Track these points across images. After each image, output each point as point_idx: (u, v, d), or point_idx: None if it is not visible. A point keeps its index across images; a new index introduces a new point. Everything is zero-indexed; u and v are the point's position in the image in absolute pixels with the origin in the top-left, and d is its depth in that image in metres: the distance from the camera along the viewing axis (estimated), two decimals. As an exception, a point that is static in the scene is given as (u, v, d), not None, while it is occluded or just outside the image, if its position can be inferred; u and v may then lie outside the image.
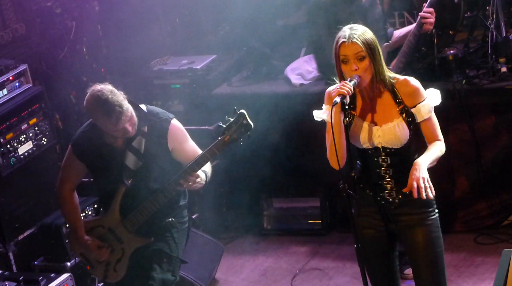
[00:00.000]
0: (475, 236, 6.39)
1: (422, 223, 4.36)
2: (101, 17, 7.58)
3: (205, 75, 7.22)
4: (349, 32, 4.20)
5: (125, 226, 4.95)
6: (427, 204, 4.35)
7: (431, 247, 4.38)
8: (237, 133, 4.66)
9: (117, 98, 4.69)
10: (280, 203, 7.01)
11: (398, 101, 4.27)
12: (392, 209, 4.37)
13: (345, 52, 4.21)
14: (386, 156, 4.32)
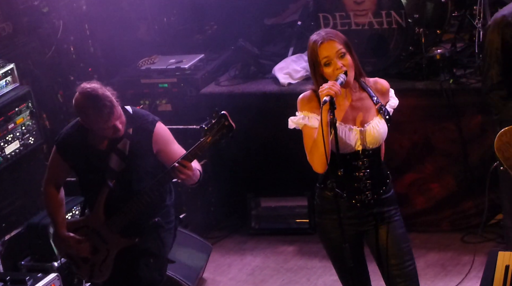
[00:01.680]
0: (462, 235, 6.40)
1: (393, 220, 4.42)
2: (88, 16, 7.56)
3: (193, 75, 7.21)
4: (323, 34, 4.26)
5: (109, 227, 4.93)
6: (395, 200, 4.45)
7: (404, 241, 4.43)
8: (218, 135, 4.65)
9: (108, 94, 4.69)
10: (267, 202, 7.01)
11: (375, 99, 4.33)
12: (365, 209, 4.39)
13: (326, 53, 4.23)
14: (364, 158, 4.34)
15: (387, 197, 4.41)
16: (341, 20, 6.40)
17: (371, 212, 4.41)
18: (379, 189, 4.38)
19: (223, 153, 6.88)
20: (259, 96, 6.91)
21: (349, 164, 4.35)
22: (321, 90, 4.18)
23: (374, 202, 4.39)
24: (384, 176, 4.43)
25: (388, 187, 4.43)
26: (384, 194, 4.40)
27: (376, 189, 4.38)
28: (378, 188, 4.38)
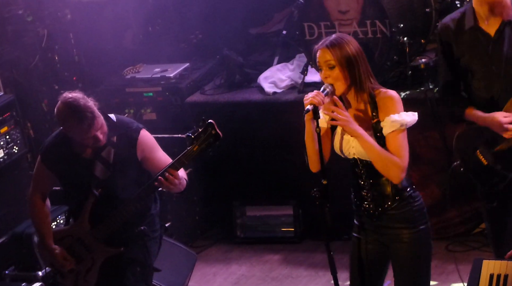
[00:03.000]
0: (447, 244, 6.42)
1: (400, 240, 4.34)
2: (73, 25, 7.55)
3: (178, 83, 7.21)
4: (325, 40, 4.25)
5: (94, 236, 4.92)
6: (407, 219, 4.33)
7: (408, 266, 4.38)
8: (205, 143, 4.64)
9: (89, 105, 4.68)
10: (253, 211, 7.00)
11: (373, 115, 4.25)
12: (373, 220, 4.38)
13: (318, 58, 4.25)
14: (363, 167, 4.33)
15: (395, 213, 4.30)
16: (326, 29, 6.42)
17: (375, 224, 4.38)
18: (383, 203, 4.32)
19: (208, 161, 6.87)
20: (244, 105, 6.91)
21: (353, 170, 4.36)
22: (305, 98, 4.20)
23: (379, 215, 4.35)
24: (392, 191, 4.31)
25: (398, 204, 4.30)
26: (391, 210, 4.30)
27: (379, 201, 4.32)
28: (381, 201, 4.32)
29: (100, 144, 4.78)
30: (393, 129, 4.20)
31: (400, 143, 4.22)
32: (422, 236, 4.34)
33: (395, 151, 4.21)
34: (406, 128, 4.24)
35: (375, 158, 4.22)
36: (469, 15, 4.79)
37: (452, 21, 4.87)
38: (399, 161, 4.20)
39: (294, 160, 6.65)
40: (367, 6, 6.29)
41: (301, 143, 4.44)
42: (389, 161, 4.21)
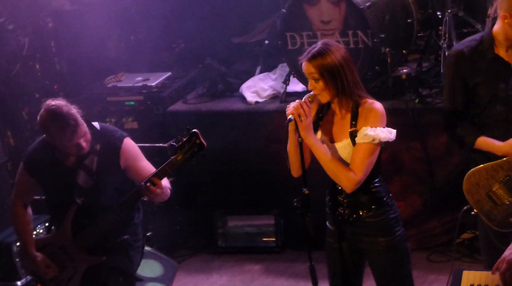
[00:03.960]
0: (428, 254, 6.43)
1: (377, 248, 4.37)
2: (54, 33, 7.53)
3: (160, 92, 7.19)
4: (308, 53, 4.22)
5: (76, 244, 4.89)
6: (383, 227, 4.35)
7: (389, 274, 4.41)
8: (190, 153, 4.63)
9: (72, 113, 4.66)
10: (234, 220, 6.99)
11: (353, 123, 4.25)
12: (347, 226, 4.39)
13: (303, 70, 4.25)
14: None
15: (372, 221, 4.33)
16: (308, 39, 6.43)
17: (350, 230, 4.39)
18: (358, 210, 4.34)
19: (190, 170, 6.86)
20: (226, 114, 6.91)
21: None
22: (287, 108, 4.21)
23: (353, 221, 4.37)
24: (368, 199, 4.33)
25: (374, 213, 4.32)
26: (367, 217, 4.33)
27: (354, 208, 4.34)
28: (356, 207, 4.34)
29: (83, 152, 4.76)
30: (364, 141, 4.19)
31: (363, 156, 4.19)
32: (398, 242, 4.38)
33: (355, 162, 4.21)
34: (378, 143, 4.22)
35: (326, 168, 4.23)
36: (488, 43, 4.70)
37: (467, 48, 4.74)
38: (352, 175, 4.20)
39: (276, 169, 6.65)
40: (349, 16, 6.31)
41: (283, 152, 4.44)
42: (340, 173, 4.21)
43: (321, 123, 4.36)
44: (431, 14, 6.65)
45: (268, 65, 7.37)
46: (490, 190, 4.76)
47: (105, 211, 4.80)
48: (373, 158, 4.21)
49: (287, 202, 6.17)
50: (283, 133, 4.36)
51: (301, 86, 6.74)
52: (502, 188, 4.75)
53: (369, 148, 4.19)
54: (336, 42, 4.31)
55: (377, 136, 4.17)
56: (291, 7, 6.50)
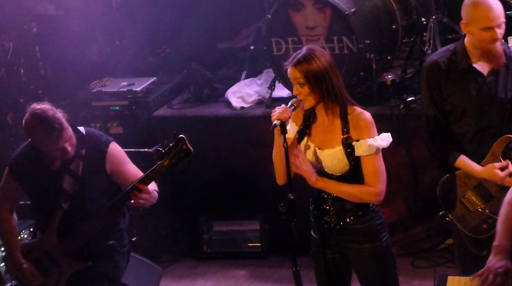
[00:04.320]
0: (412, 260, 6.45)
1: (363, 254, 4.38)
2: (39, 38, 7.50)
3: (145, 97, 7.18)
4: (293, 58, 4.24)
5: (62, 249, 4.87)
6: (369, 234, 4.37)
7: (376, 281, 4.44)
8: (176, 158, 4.63)
9: (57, 116, 4.65)
10: (219, 226, 6.98)
11: (344, 131, 4.27)
12: (334, 234, 4.39)
13: (288, 75, 4.25)
14: None
15: (358, 228, 4.34)
16: (293, 45, 6.44)
17: (336, 238, 4.40)
18: (345, 217, 4.35)
19: (175, 175, 6.85)
20: (211, 119, 6.91)
21: None
22: (272, 113, 4.21)
23: (340, 229, 4.38)
24: (354, 206, 4.34)
25: (360, 219, 4.34)
26: (353, 224, 4.34)
27: (340, 215, 4.35)
28: (343, 215, 4.35)
29: (68, 156, 4.75)
30: (370, 153, 4.25)
31: (377, 167, 4.29)
32: (384, 248, 4.40)
33: (371, 174, 4.28)
34: (380, 151, 4.30)
35: (348, 198, 4.31)
36: (461, 54, 4.72)
37: (441, 59, 4.77)
38: (372, 189, 4.28)
39: (261, 174, 6.65)
40: (334, 22, 6.33)
41: (268, 157, 4.45)
42: (361, 194, 4.29)
43: (308, 131, 4.37)
44: (415, 20, 6.67)
45: (253, 71, 7.38)
46: (463, 197, 4.79)
47: (91, 215, 4.79)
48: (382, 164, 4.30)
49: (272, 207, 6.18)
50: (268, 139, 4.37)
51: (286, 92, 6.75)
52: (474, 194, 4.78)
53: (376, 158, 4.27)
54: (320, 48, 4.34)
55: (380, 145, 4.26)
56: (276, 12, 6.51)
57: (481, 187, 4.75)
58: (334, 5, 6.26)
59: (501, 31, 4.58)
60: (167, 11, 7.89)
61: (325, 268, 4.44)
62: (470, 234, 4.81)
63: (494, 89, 4.69)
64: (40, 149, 4.76)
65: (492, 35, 4.56)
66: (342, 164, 4.28)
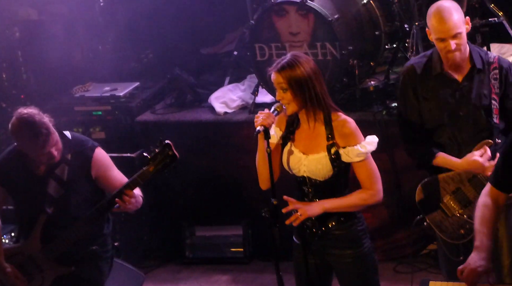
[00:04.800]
0: (395, 265, 6.46)
1: (343, 261, 4.40)
2: (21, 43, 7.48)
3: (128, 103, 7.17)
4: (277, 64, 4.25)
5: (45, 254, 4.85)
6: (351, 239, 4.38)
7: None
8: (162, 164, 4.63)
9: (44, 121, 4.64)
10: (202, 231, 6.97)
11: (329, 137, 4.29)
12: (315, 240, 4.40)
13: (272, 80, 4.26)
14: (311, 186, 4.36)
15: (340, 234, 4.36)
16: (277, 51, 6.46)
17: (318, 243, 4.41)
18: (327, 223, 4.36)
19: (158, 181, 6.83)
20: (195, 124, 6.90)
21: (300, 187, 4.40)
22: (256, 119, 4.22)
23: (322, 234, 4.39)
24: (337, 213, 4.36)
25: (342, 225, 4.36)
26: (335, 230, 4.36)
27: (322, 221, 4.36)
28: (325, 220, 4.36)
29: (54, 161, 4.74)
30: (360, 159, 4.29)
31: (369, 169, 4.34)
32: (366, 254, 4.41)
33: (366, 177, 4.34)
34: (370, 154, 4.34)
35: (353, 209, 4.37)
36: (436, 60, 4.76)
37: (418, 65, 4.81)
38: (369, 192, 4.35)
39: (244, 179, 6.66)
40: (317, 28, 6.35)
41: (252, 163, 4.45)
42: (360, 201, 4.36)
43: (292, 137, 4.38)
44: (398, 27, 6.71)
45: (237, 76, 7.39)
46: (441, 202, 4.81)
47: (75, 221, 4.78)
48: (373, 165, 4.36)
49: (255, 212, 6.20)
50: (251, 144, 4.37)
51: (270, 97, 6.76)
52: (452, 199, 4.80)
53: (367, 162, 4.32)
54: (305, 54, 4.36)
55: (369, 150, 4.29)
56: (259, 18, 6.52)
57: (460, 192, 4.78)
58: (318, 11, 6.28)
59: (459, 41, 4.59)
60: (150, 16, 7.88)
61: (305, 273, 4.44)
62: (448, 239, 4.84)
63: (468, 94, 4.72)
64: (25, 153, 4.75)
65: (446, 46, 4.60)
66: (326, 170, 4.30)
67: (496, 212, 3.88)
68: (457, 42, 4.60)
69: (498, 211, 3.89)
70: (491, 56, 4.77)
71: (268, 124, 4.19)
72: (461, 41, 4.62)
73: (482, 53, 4.79)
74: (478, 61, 4.72)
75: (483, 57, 4.76)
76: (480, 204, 3.92)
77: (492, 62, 4.73)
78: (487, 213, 3.86)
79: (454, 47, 4.59)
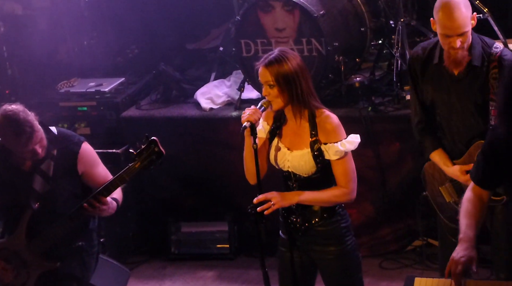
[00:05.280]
0: (380, 261, 6.48)
1: (325, 257, 4.41)
2: (6, 38, 7.44)
3: (113, 98, 7.14)
4: (265, 59, 4.25)
5: (30, 250, 4.84)
6: (334, 236, 4.39)
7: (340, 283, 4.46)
8: (148, 161, 4.62)
9: (29, 119, 4.62)
10: (188, 227, 6.96)
11: (312, 133, 4.30)
12: (299, 235, 4.41)
13: (259, 76, 4.26)
14: (295, 182, 4.38)
15: (323, 230, 4.37)
16: (263, 46, 6.45)
17: (302, 239, 4.43)
18: (311, 219, 4.37)
19: (143, 176, 6.82)
20: (180, 120, 6.89)
21: (285, 182, 4.42)
22: (242, 115, 4.22)
23: (305, 230, 4.40)
24: (320, 208, 4.37)
25: (325, 222, 4.37)
26: (319, 226, 4.37)
27: (306, 216, 4.38)
28: (309, 216, 4.37)
29: (38, 157, 4.72)
30: (337, 157, 4.29)
31: (346, 168, 4.33)
32: (349, 251, 4.43)
33: (341, 175, 4.33)
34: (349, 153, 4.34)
35: (325, 204, 4.35)
36: (437, 50, 4.69)
37: (423, 50, 4.76)
38: (343, 190, 4.33)
39: (230, 176, 6.65)
40: (303, 24, 6.35)
41: (237, 159, 4.45)
42: (334, 198, 4.35)
43: (279, 132, 4.39)
44: (384, 23, 6.71)
45: (222, 72, 7.37)
46: (442, 185, 4.84)
47: (61, 216, 4.76)
48: (351, 164, 4.36)
49: (241, 208, 6.20)
50: (237, 140, 4.38)
51: (255, 93, 6.75)
52: (451, 186, 4.83)
53: (345, 160, 4.31)
54: (292, 51, 4.35)
55: (348, 149, 4.29)
56: (245, 14, 6.51)
57: (457, 181, 4.80)
58: (303, 7, 6.28)
59: (464, 39, 4.51)
60: (135, 11, 7.86)
61: (289, 268, 4.46)
62: (447, 220, 4.86)
63: (462, 90, 4.68)
64: (10, 149, 4.73)
65: (451, 42, 4.52)
66: (309, 166, 4.31)
67: (480, 206, 3.89)
68: (462, 40, 4.50)
69: (483, 205, 3.91)
70: (493, 52, 4.62)
71: (255, 120, 4.20)
72: (466, 39, 4.53)
73: (486, 47, 4.65)
74: (476, 58, 4.61)
75: (484, 53, 4.63)
76: (464, 199, 3.95)
77: (493, 60, 4.59)
78: (470, 206, 3.89)
79: (459, 45, 4.50)
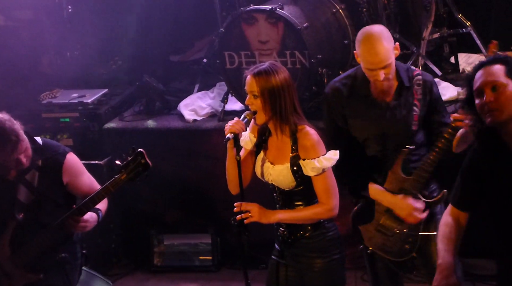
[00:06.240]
0: (362, 273, 6.48)
1: (311, 269, 4.43)
2: (-12, 49, 7.42)
3: (96, 109, 7.13)
4: (255, 68, 4.27)
5: (13, 261, 4.80)
6: (319, 249, 4.41)
7: None
8: (134, 172, 4.61)
9: (14, 128, 4.61)
10: (170, 239, 6.95)
11: (293, 149, 4.32)
12: (287, 247, 4.42)
13: (246, 85, 4.27)
14: (279, 194, 4.40)
15: (309, 242, 4.39)
16: (246, 59, 6.47)
17: (290, 251, 4.45)
18: (297, 231, 4.39)
19: (125, 188, 6.79)
20: (163, 132, 6.88)
21: (271, 194, 4.45)
22: (226, 127, 4.23)
23: (292, 242, 4.42)
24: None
25: (312, 233, 4.39)
26: (304, 239, 4.39)
27: (293, 229, 4.40)
28: (295, 228, 4.40)
29: (23, 167, 4.70)
30: (315, 174, 4.29)
31: (326, 184, 4.32)
32: (334, 266, 4.43)
33: (322, 192, 4.33)
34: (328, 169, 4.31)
35: (307, 222, 4.36)
36: (361, 80, 4.67)
37: (343, 85, 4.73)
38: (325, 206, 4.33)
39: (213, 187, 6.65)
40: (287, 37, 6.37)
41: (221, 170, 4.45)
42: (315, 215, 4.36)
43: (264, 145, 4.41)
44: (367, 36, 6.73)
45: (206, 84, 7.38)
46: (378, 224, 4.80)
47: (45, 227, 4.74)
48: (331, 180, 4.33)
49: (224, 220, 6.18)
50: (220, 152, 4.38)
51: (239, 105, 6.76)
52: (388, 218, 4.79)
53: (324, 176, 4.30)
54: (283, 66, 4.37)
55: (325, 166, 4.28)
56: (229, 26, 6.53)
57: (391, 210, 4.76)
58: (287, 19, 6.31)
59: (388, 71, 4.52)
60: (119, 22, 7.86)
61: (276, 280, 4.48)
62: (396, 258, 4.83)
63: (397, 113, 4.68)
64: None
65: (375, 75, 4.53)
66: (288, 181, 4.33)
67: (457, 230, 3.89)
68: (386, 72, 4.51)
69: (460, 229, 3.90)
70: (414, 72, 4.71)
71: (238, 130, 4.21)
72: (390, 71, 4.55)
73: (406, 69, 4.72)
74: (405, 79, 4.65)
75: (409, 74, 4.69)
76: (442, 223, 3.94)
77: (415, 79, 4.66)
78: (448, 230, 3.88)
79: (383, 77, 4.51)
